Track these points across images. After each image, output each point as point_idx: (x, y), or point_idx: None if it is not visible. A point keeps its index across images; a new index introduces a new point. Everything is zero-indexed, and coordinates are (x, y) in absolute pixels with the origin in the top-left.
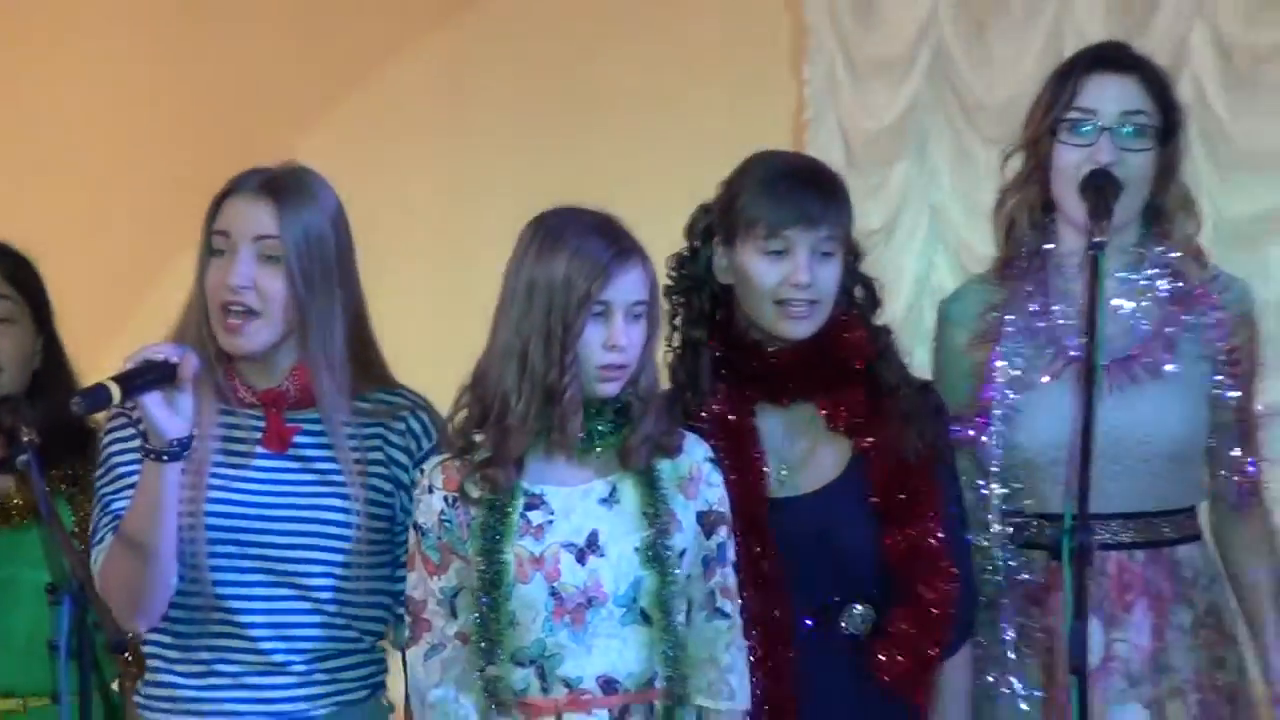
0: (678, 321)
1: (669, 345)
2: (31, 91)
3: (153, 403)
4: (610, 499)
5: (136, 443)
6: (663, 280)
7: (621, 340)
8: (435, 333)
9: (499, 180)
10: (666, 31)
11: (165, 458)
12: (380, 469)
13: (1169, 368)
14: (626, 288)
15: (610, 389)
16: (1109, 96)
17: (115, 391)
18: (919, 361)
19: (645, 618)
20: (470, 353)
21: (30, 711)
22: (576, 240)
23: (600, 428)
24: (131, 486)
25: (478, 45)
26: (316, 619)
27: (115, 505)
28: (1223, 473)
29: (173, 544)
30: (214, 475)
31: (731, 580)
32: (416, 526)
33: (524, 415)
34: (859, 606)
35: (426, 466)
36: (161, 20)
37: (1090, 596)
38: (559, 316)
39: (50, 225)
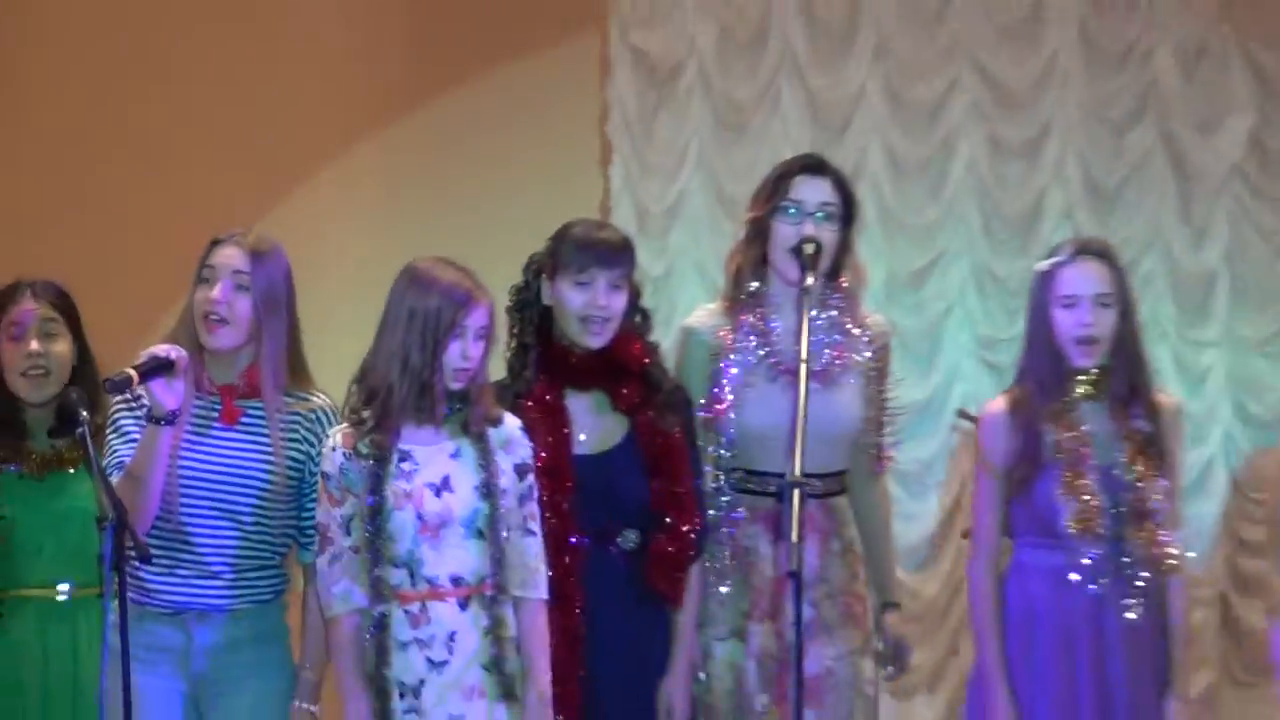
0: (515, 330)
1: (508, 347)
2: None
3: (157, 385)
4: (457, 454)
5: (136, 413)
6: (505, 303)
7: (472, 353)
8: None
9: (399, 249)
10: (513, 148)
11: (163, 423)
12: (296, 441)
13: (842, 378)
14: (477, 317)
15: (460, 385)
16: (811, 192)
17: (135, 377)
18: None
19: (481, 535)
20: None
21: (76, 598)
22: (445, 283)
23: (451, 404)
24: (133, 443)
25: (377, 170)
26: (242, 541)
27: (121, 453)
28: (868, 451)
29: (161, 483)
30: (185, 438)
31: (536, 510)
32: (324, 474)
33: (404, 399)
34: (631, 531)
35: (331, 431)
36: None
37: (779, 527)
38: (431, 335)
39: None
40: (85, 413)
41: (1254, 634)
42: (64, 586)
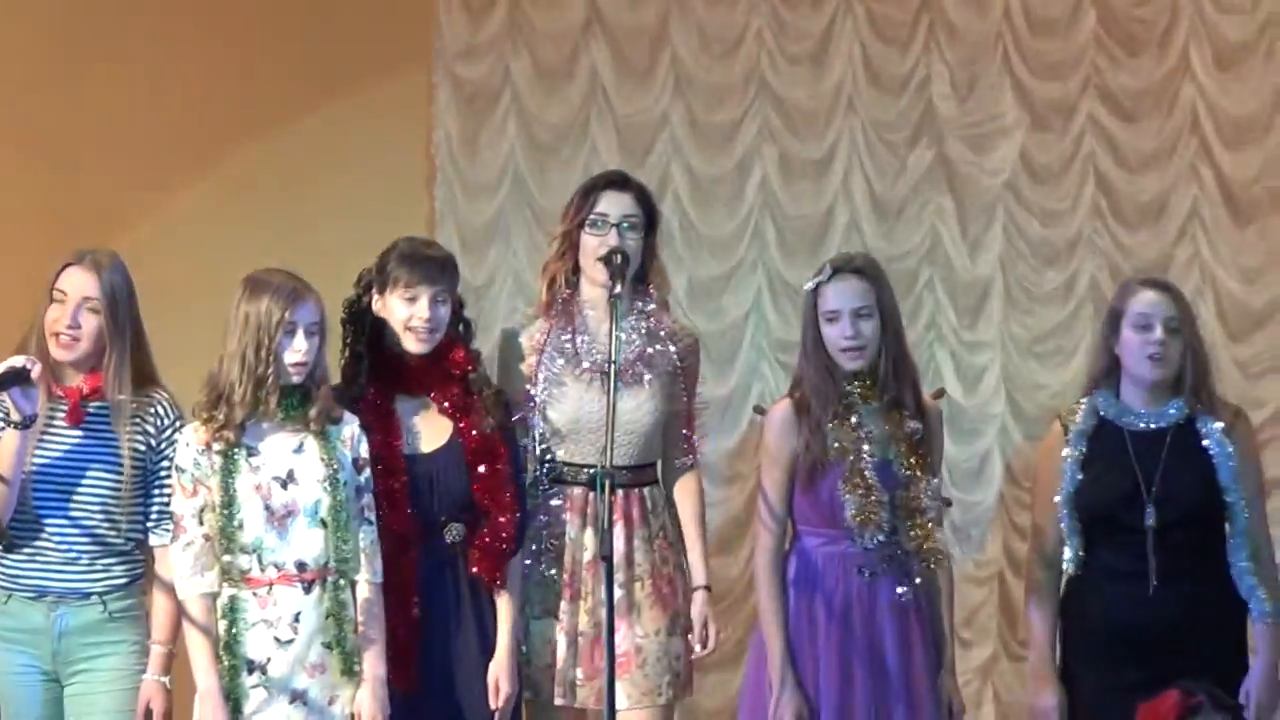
0: (348, 340)
1: (342, 356)
2: None
3: (16, 393)
4: (300, 449)
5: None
6: (339, 316)
7: (304, 347)
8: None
9: (241, 264)
10: (347, 170)
11: (20, 427)
12: (139, 434)
13: (647, 377)
14: (306, 313)
15: (298, 378)
16: (615, 205)
17: (15, 385)
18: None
19: (323, 524)
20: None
21: None
22: (273, 284)
23: (294, 402)
24: None
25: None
26: (95, 528)
27: None
28: (676, 444)
29: (18, 481)
30: (36, 439)
31: (373, 501)
32: (177, 468)
33: (243, 395)
34: (456, 525)
35: (184, 430)
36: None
37: (588, 516)
38: (266, 333)
39: None
40: None
41: None
42: None
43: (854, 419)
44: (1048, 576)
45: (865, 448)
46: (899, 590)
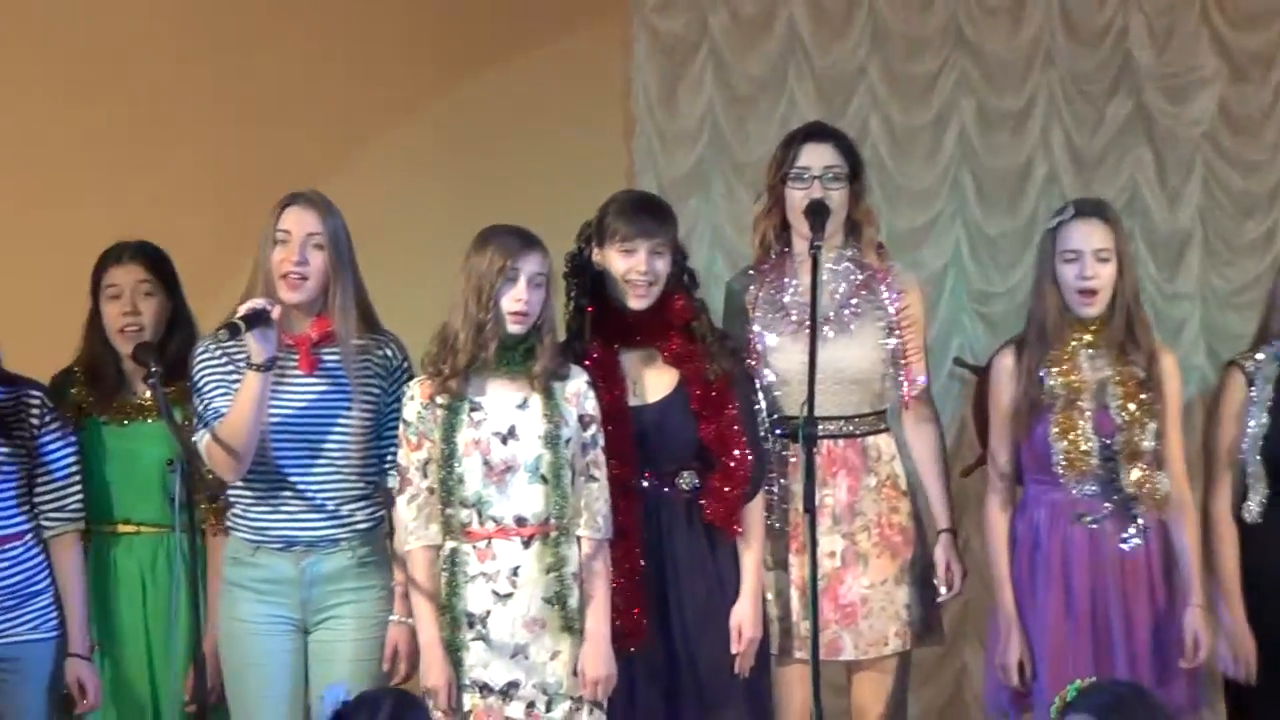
0: (571, 294)
1: (566, 310)
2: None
3: (256, 335)
4: (524, 405)
5: (225, 365)
6: (562, 269)
7: (524, 296)
8: (415, 300)
9: (445, 219)
10: (545, 123)
11: (262, 369)
12: (370, 379)
13: (854, 326)
14: (529, 262)
15: (517, 328)
16: (816, 157)
17: (242, 326)
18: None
19: (544, 479)
20: (427, 313)
21: (142, 535)
22: (498, 236)
23: (517, 357)
24: (224, 391)
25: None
26: (336, 476)
27: (216, 403)
28: (900, 388)
29: (259, 426)
30: (270, 388)
31: (601, 458)
32: (404, 421)
33: (465, 342)
34: (687, 473)
35: (410, 384)
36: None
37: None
38: (487, 279)
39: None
40: (155, 365)
41: None
42: (142, 523)
43: (1074, 363)
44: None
45: (1082, 392)
46: (1122, 536)
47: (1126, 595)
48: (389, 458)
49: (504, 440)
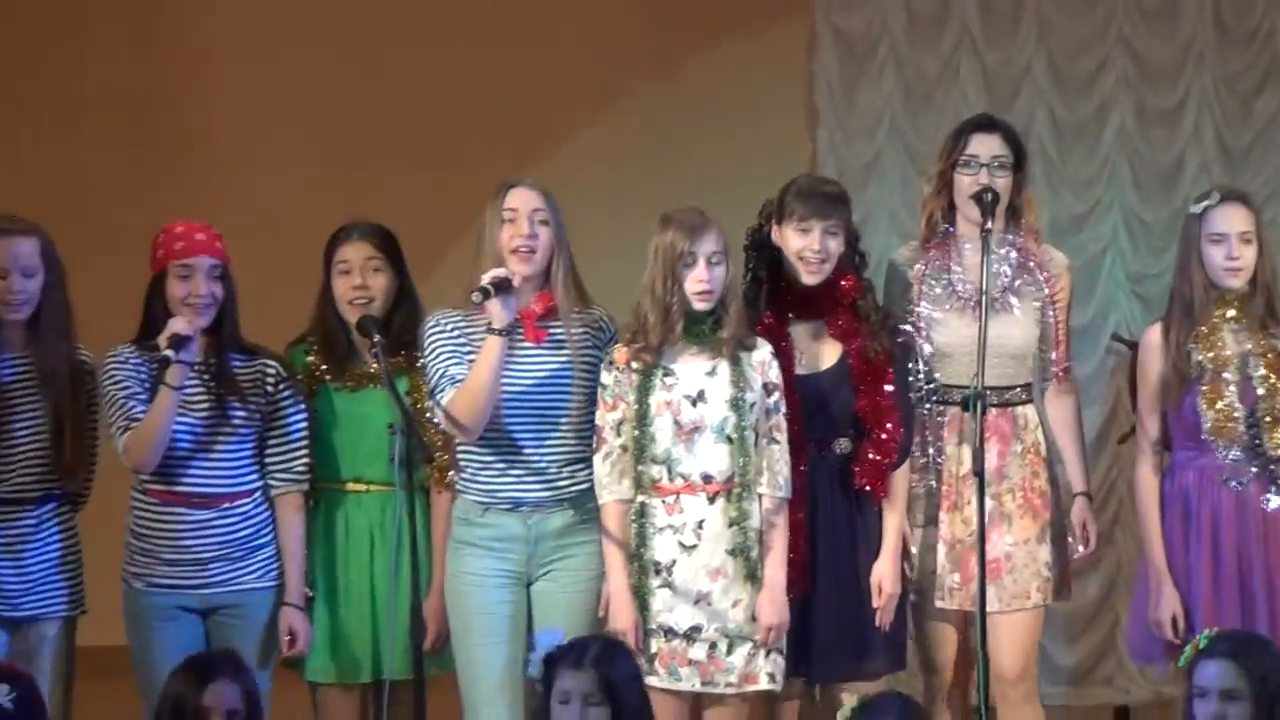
0: (750, 267)
1: (744, 282)
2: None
3: (501, 301)
4: (713, 372)
5: (457, 337)
6: (742, 244)
7: (704, 276)
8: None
9: (640, 201)
10: (735, 113)
11: (503, 334)
12: (589, 349)
13: (1015, 305)
14: (706, 244)
15: (703, 305)
16: (985, 146)
17: (491, 290)
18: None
19: (730, 440)
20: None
21: (370, 493)
22: (675, 221)
23: (705, 329)
24: (458, 360)
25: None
26: (561, 440)
27: (451, 370)
28: (1048, 365)
29: (497, 390)
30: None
31: (783, 423)
32: (601, 384)
33: (655, 321)
34: (842, 439)
35: (609, 351)
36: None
37: (964, 434)
38: (669, 263)
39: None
40: (378, 335)
41: None
42: (371, 481)
43: (1219, 337)
44: None
45: (1227, 365)
46: (1265, 497)
47: (1269, 554)
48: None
49: (693, 403)
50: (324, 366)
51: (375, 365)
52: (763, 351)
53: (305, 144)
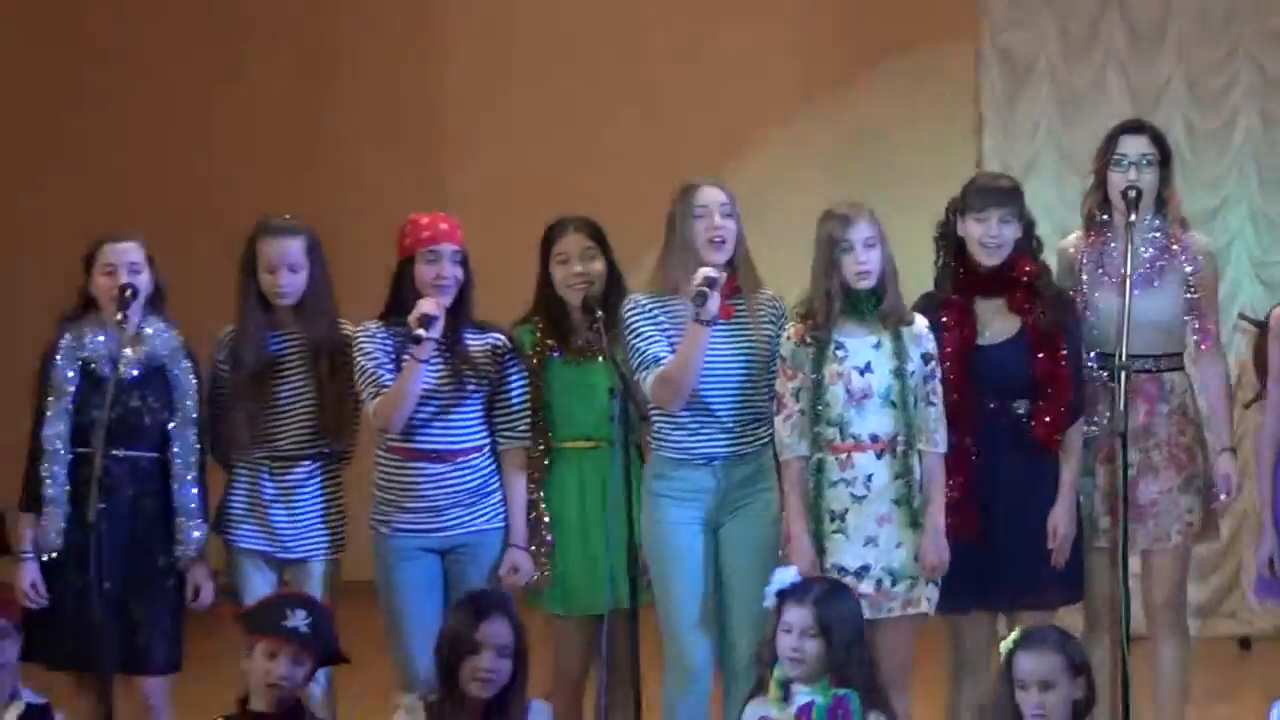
0: (940, 253)
1: (935, 266)
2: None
3: (712, 299)
4: (878, 345)
5: (656, 316)
6: (933, 235)
7: (861, 259)
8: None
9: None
10: (909, 118)
11: (711, 324)
12: (766, 323)
13: (1157, 283)
14: (859, 231)
15: (864, 284)
16: (1133, 146)
17: (707, 291)
18: None
19: (894, 405)
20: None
21: (598, 449)
22: (831, 215)
23: (869, 307)
24: (656, 340)
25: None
26: (745, 403)
27: (654, 349)
28: (1190, 336)
29: (699, 368)
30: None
31: (939, 388)
32: (780, 356)
33: (821, 305)
34: (1020, 400)
35: (786, 327)
36: None
37: (1116, 398)
38: (826, 251)
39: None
40: (600, 312)
41: None
42: (592, 439)
43: None
44: None
45: None
46: None
47: None
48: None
49: (861, 373)
50: (549, 342)
51: (592, 340)
52: (919, 325)
53: (535, 147)
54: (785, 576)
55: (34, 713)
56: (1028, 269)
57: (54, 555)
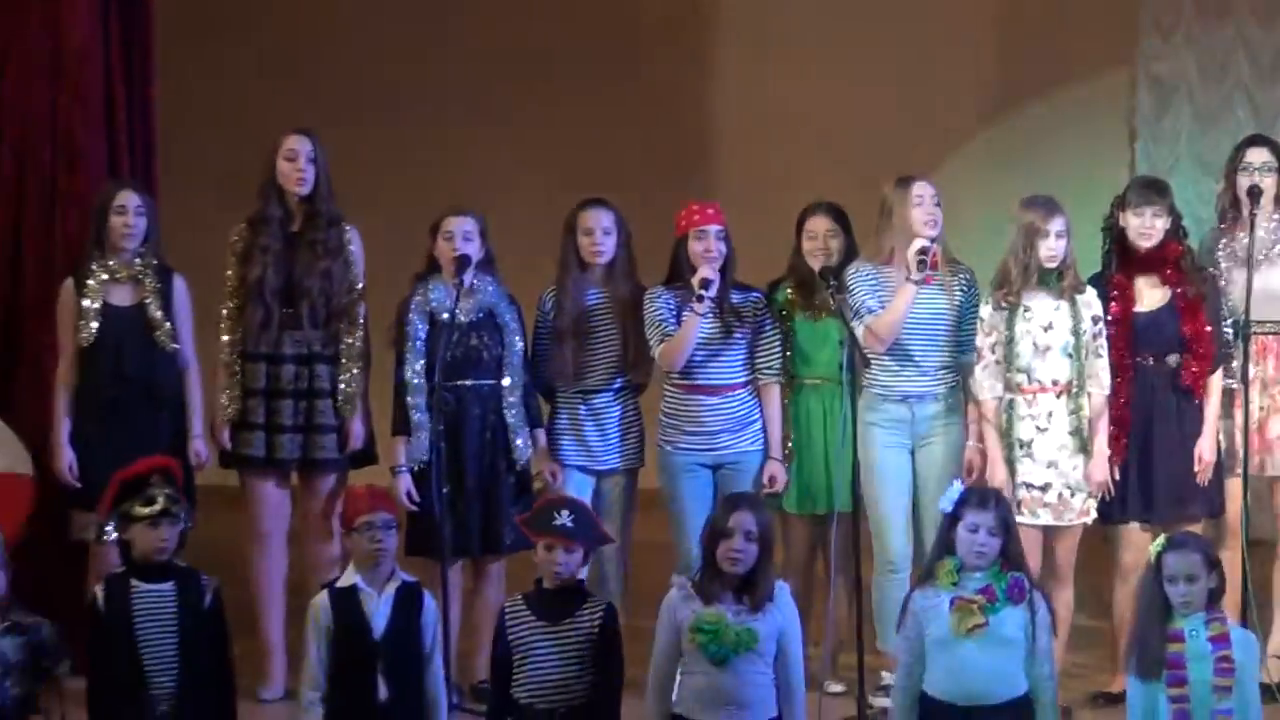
0: (1107, 240)
1: (1102, 250)
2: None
3: (925, 264)
4: (1057, 309)
5: (872, 278)
6: (1100, 227)
7: (1054, 246)
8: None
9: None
10: (1074, 131)
11: (919, 284)
12: (959, 290)
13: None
14: (1056, 223)
15: (1050, 265)
16: (1255, 155)
17: (925, 260)
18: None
19: (1070, 355)
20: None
21: (826, 385)
22: (1032, 204)
23: (1053, 279)
24: (871, 294)
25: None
26: (938, 349)
27: (869, 301)
28: None
29: (903, 323)
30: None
31: (1104, 343)
32: (980, 317)
33: (1016, 276)
34: (1172, 355)
35: (986, 294)
36: None
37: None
38: (1029, 235)
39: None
40: (834, 280)
41: None
42: (825, 378)
43: None
44: None
45: None
46: None
47: None
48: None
49: (1045, 330)
50: (795, 302)
51: (829, 300)
52: (1090, 294)
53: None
54: (953, 492)
55: (408, 588)
56: (1176, 251)
57: (422, 465)
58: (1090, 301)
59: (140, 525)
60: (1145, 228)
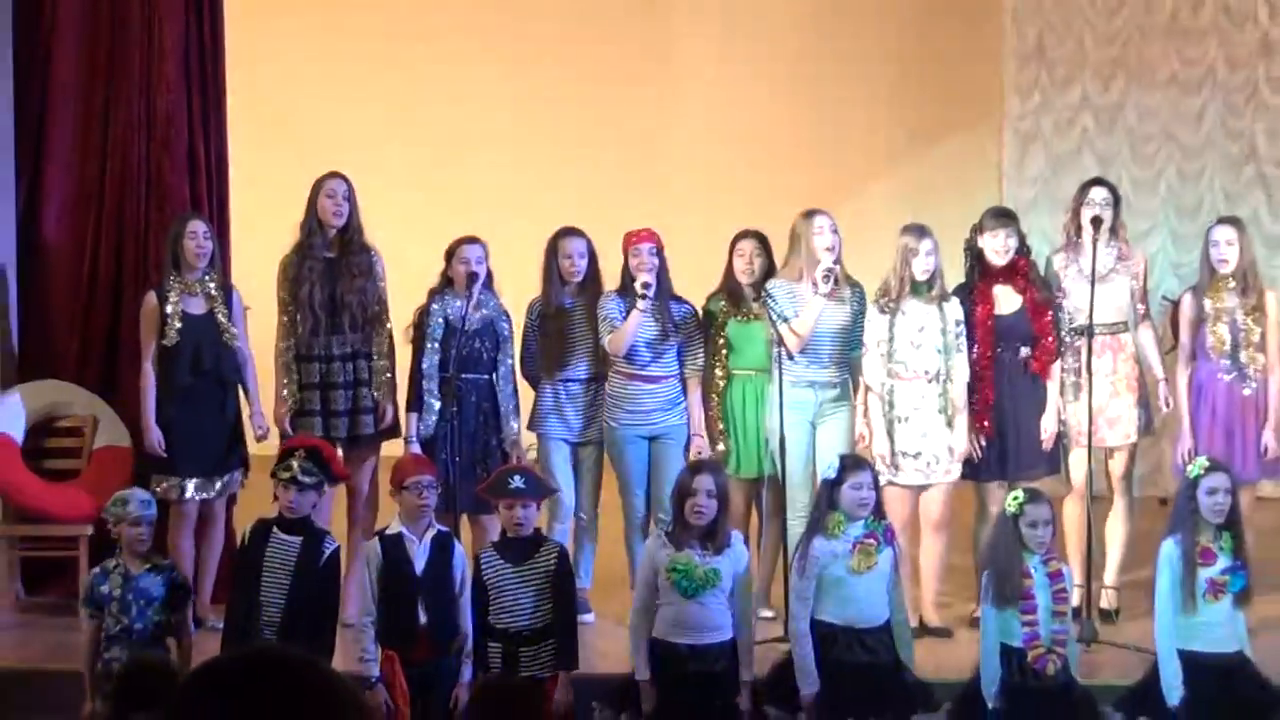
0: (966, 258)
1: (964, 265)
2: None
3: (829, 284)
4: (926, 314)
5: (791, 295)
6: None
7: (925, 263)
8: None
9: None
10: (940, 188)
11: (826, 299)
12: (854, 302)
13: (1114, 278)
14: (925, 244)
15: (922, 277)
16: (1099, 193)
17: (830, 277)
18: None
19: (938, 351)
20: None
21: (754, 377)
22: (908, 229)
23: (925, 289)
24: (788, 307)
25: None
26: (835, 347)
27: (785, 312)
28: (1134, 311)
29: (814, 325)
30: None
31: (964, 342)
32: (867, 319)
33: (895, 287)
34: (1024, 347)
35: (870, 304)
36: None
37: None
38: (904, 255)
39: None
40: (763, 291)
41: None
42: (752, 369)
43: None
44: None
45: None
46: (1242, 387)
47: (1244, 422)
48: None
49: (919, 330)
50: (728, 310)
51: (759, 308)
52: (954, 302)
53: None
54: (835, 464)
55: (443, 536)
56: (1024, 265)
57: (427, 439)
58: (954, 307)
59: (280, 485)
60: (999, 247)
